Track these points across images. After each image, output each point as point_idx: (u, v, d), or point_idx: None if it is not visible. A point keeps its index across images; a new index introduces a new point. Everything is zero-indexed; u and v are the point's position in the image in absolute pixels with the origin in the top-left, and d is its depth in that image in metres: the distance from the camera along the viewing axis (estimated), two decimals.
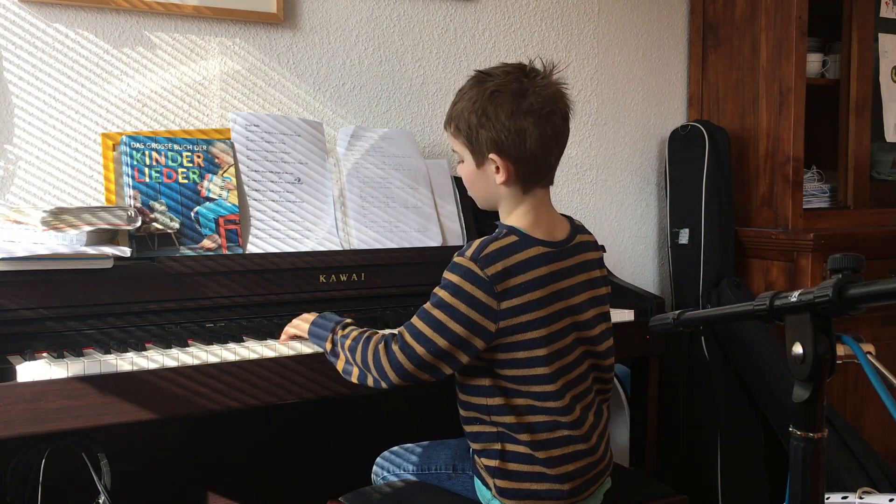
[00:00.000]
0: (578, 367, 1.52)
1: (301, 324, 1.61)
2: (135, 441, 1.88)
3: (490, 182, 1.51)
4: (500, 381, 1.47)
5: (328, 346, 1.54)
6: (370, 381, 1.48)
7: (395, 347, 1.45)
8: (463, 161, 1.55)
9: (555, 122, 1.48)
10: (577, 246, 1.55)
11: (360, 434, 2.14)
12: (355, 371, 1.50)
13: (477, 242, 1.44)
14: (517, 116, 1.45)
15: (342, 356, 1.52)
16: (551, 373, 1.46)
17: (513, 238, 1.46)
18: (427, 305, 1.45)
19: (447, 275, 1.44)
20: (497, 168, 1.48)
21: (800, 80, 2.55)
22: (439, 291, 1.44)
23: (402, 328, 1.46)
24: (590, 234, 1.62)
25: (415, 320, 1.45)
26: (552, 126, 1.48)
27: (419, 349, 1.42)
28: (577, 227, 1.58)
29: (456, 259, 1.44)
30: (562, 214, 1.59)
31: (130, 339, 1.59)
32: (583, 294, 1.53)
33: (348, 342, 1.51)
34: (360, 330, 1.53)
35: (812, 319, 0.97)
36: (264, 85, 2.22)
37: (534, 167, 1.49)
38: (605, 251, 2.26)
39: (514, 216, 1.52)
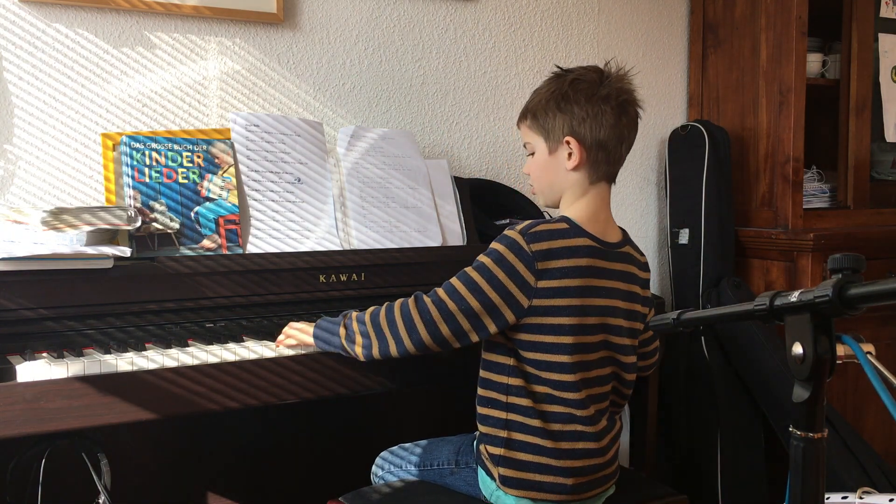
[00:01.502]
0: (600, 369, 1.53)
1: (303, 327, 1.61)
2: (135, 441, 1.88)
3: (559, 169, 1.56)
4: (522, 366, 1.49)
5: (342, 332, 1.54)
6: (393, 348, 1.49)
7: (427, 299, 1.48)
8: (534, 153, 1.60)
9: (629, 112, 1.56)
10: (624, 255, 1.58)
11: (360, 434, 2.14)
12: (375, 346, 1.51)
13: (528, 221, 1.50)
14: (595, 101, 1.52)
15: (358, 337, 1.53)
16: (573, 363, 1.47)
17: (563, 225, 1.51)
18: (467, 269, 1.49)
19: (493, 244, 1.49)
20: (569, 154, 1.53)
21: (800, 80, 2.55)
22: (482, 257, 1.48)
23: (436, 288, 1.51)
24: (642, 254, 1.65)
25: (452, 280, 1.49)
26: (627, 116, 1.55)
27: (451, 304, 1.45)
28: (628, 240, 1.62)
29: (506, 231, 1.50)
30: (619, 227, 1.62)
31: (130, 339, 1.59)
32: (619, 301, 1.54)
33: (367, 315, 1.53)
34: (377, 305, 1.56)
35: (812, 319, 0.97)
36: (264, 85, 2.22)
37: (604, 155, 1.54)
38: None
39: (574, 208, 1.56)
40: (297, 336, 1.60)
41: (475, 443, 1.59)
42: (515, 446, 1.50)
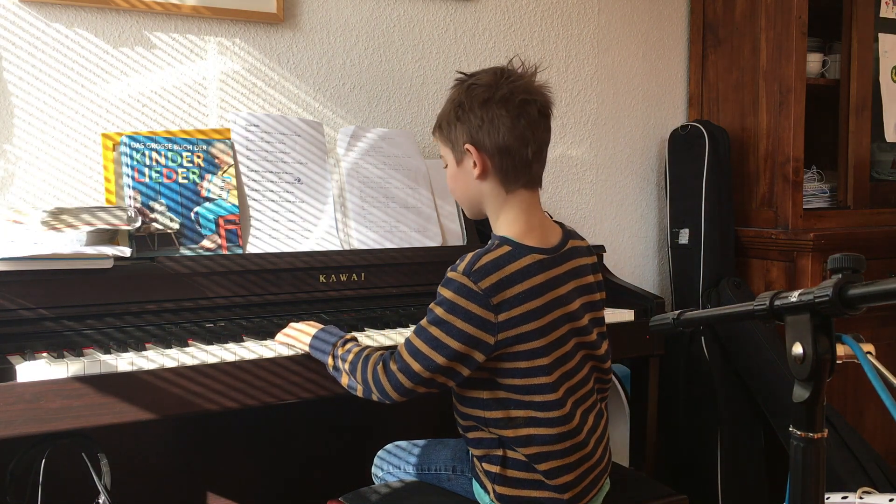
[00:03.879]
0: (581, 372, 1.51)
1: (301, 335, 1.60)
2: (135, 441, 1.88)
3: (469, 179, 1.50)
4: (499, 392, 1.46)
5: (330, 362, 1.54)
6: (374, 398, 1.48)
7: (393, 367, 1.44)
8: (447, 165, 1.55)
9: (529, 112, 1.47)
10: (570, 252, 1.53)
11: (360, 434, 2.14)
12: (359, 388, 1.50)
13: (469, 256, 1.43)
14: (489, 106, 1.46)
15: (344, 374, 1.52)
16: (553, 382, 1.45)
17: (505, 248, 1.44)
18: (423, 322, 1.43)
19: (441, 290, 1.42)
20: (474, 162, 1.48)
21: (800, 80, 2.55)
22: (435, 308, 1.42)
23: (400, 345, 1.46)
24: (582, 239, 1.60)
25: (412, 338, 1.43)
26: (526, 117, 1.47)
27: (417, 367, 1.41)
28: (569, 233, 1.57)
29: (449, 274, 1.43)
30: (554, 220, 1.58)
31: (130, 339, 1.59)
32: (577, 300, 1.51)
33: (348, 362, 1.51)
34: (359, 348, 1.52)
35: (812, 319, 0.97)
36: (263, 85, 2.22)
37: (509, 160, 1.47)
38: (604, 251, 2.27)
39: (504, 222, 1.50)
40: (295, 338, 1.60)
41: (470, 454, 1.58)
42: (510, 465, 1.48)
